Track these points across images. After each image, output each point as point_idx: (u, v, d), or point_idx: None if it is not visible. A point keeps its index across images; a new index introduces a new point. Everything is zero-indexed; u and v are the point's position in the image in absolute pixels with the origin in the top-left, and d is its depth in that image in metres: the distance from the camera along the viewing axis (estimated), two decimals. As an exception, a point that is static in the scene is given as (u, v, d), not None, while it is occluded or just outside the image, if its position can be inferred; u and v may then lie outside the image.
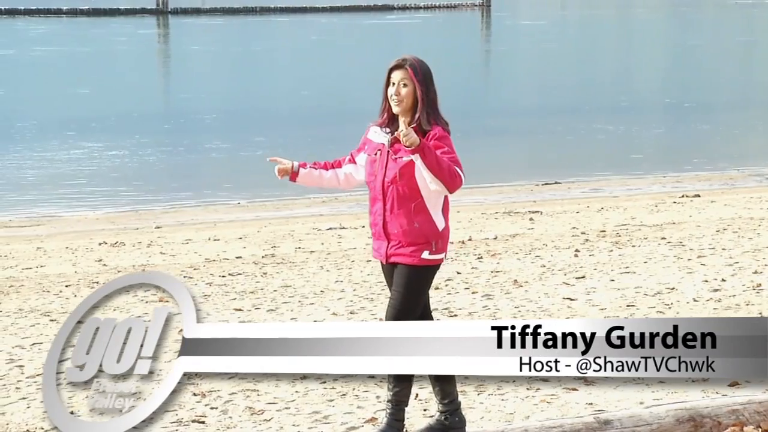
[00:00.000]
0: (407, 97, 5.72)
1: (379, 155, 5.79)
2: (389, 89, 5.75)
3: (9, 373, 7.33)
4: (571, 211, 15.29)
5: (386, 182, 5.75)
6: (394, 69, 5.80)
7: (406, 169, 5.68)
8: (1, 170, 21.11)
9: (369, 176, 5.85)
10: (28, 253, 12.92)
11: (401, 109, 5.72)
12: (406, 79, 5.74)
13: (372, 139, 5.87)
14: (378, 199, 5.80)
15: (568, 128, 26.91)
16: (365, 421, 6.25)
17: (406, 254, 5.72)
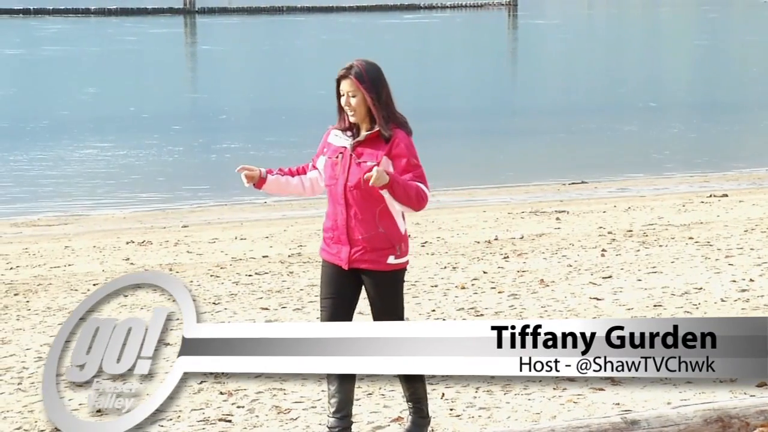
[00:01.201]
0: (359, 106, 5.64)
1: (341, 159, 5.69)
2: (341, 99, 5.69)
3: (37, 372, 7.37)
4: (598, 211, 15.24)
5: (349, 186, 5.64)
6: (341, 79, 5.71)
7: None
8: (29, 169, 21.23)
9: (329, 179, 5.73)
10: (56, 251, 12.98)
11: (356, 119, 5.66)
12: (352, 90, 5.66)
13: (332, 143, 5.76)
14: (339, 204, 5.68)
15: (594, 127, 26.82)
16: (391, 421, 6.25)
17: (372, 260, 5.64)
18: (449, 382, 6.94)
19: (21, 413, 6.53)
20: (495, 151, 23.88)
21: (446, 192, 18.90)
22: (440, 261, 11.15)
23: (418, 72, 42.32)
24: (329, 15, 75.97)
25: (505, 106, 31.58)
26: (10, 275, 11.25)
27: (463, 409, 6.40)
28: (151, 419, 6.34)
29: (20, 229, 15.74)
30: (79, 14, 73.09)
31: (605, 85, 37.19)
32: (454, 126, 27.06)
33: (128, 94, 33.39)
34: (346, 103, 5.65)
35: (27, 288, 10.32)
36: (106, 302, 5.44)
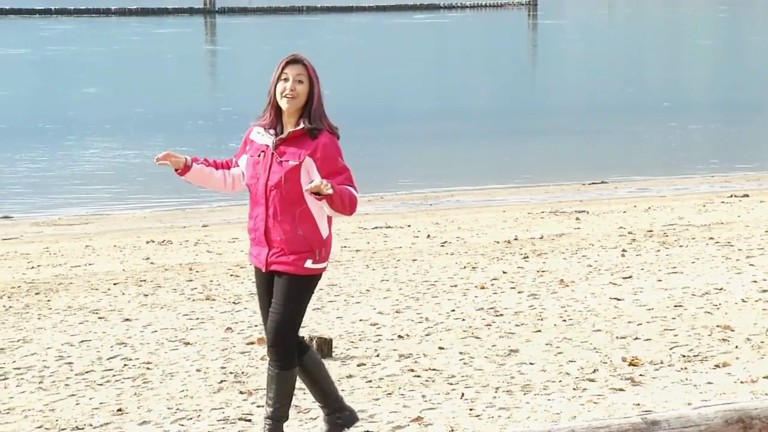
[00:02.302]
0: (302, 94, 5.44)
1: (263, 157, 5.49)
2: (280, 85, 5.44)
3: (58, 370, 7.40)
4: (618, 211, 15.21)
5: (270, 186, 5.45)
6: (289, 63, 5.47)
7: (291, 174, 5.42)
8: (50, 168, 21.31)
9: (251, 178, 5.54)
10: (77, 251, 13.03)
11: (293, 107, 5.44)
12: (302, 75, 5.46)
13: (255, 140, 5.56)
14: (260, 204, 5.49)
15: (614, 127, 26.77)
16: (411, 420, 6.25)
17: (288, 263, 5.45)
18: (468, 381, 6.93)
19: (42, 412, 6.56)
20: (515, 151, 23.86)
21: (466, 192, 18.89)
22: (460, 261, 11.14)
23: (438, 72, 42.29)
24: (349, 15, 76.01)
25: (525, 106, 31.54)
26: (31, 274, 11.30)
27: (483, 410, 6.40)
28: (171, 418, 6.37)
29: (41, 229, 15.81)
30: (100, 14, 73.33)
31: (625, 84, 37.10)
32: (474, 126, 27.04)
33: (148, 94, 33.48)
34: (292, 87, 5.42)
35: (48, 287, 10.37)
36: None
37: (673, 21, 73.48)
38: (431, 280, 10.10)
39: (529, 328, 8.20)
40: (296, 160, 5.42)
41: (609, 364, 7.24)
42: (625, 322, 8.30)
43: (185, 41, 54.91)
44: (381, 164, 22.32)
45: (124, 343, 8.04)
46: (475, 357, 7.47)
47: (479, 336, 8.01)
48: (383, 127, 26.79)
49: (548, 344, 7.74)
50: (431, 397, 6.64)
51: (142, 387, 6.99)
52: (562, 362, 7.31)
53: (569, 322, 8.38)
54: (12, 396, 6.87)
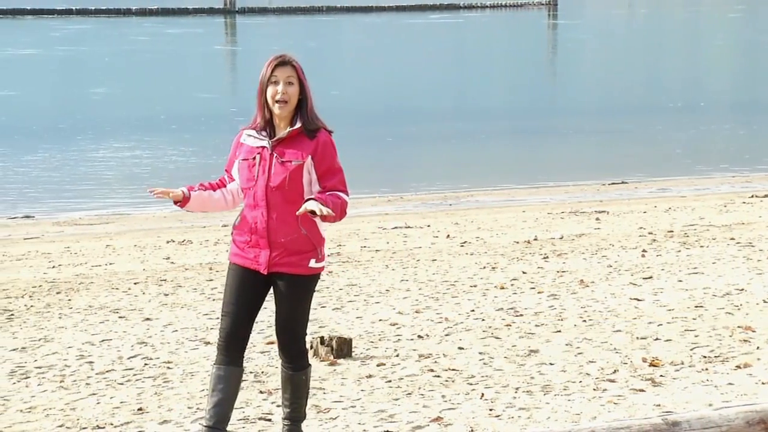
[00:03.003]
0: (294, 96, 5.37)
1: (259, 159, 5.39)
2: (271, 88, 5.36)
3: (79, 369, 7.42)
4: (638, 211, 15.17)
5: (271, 187, 5.36)
6: (278, 66, 5.38)
7: (294, 174, 5.36)
8: (71, 168, 21.39)
9: (247, 181, 5.42)
10: (98, 250, 13.07)
11: (284, 111, 5.37)
12: (292, 77, 5.38)
13: (247, 143, 5.46)
14: (259, 206, 5.39)
15: (634, 127, 26.70)
16: (431, 420, 6.25)
17: (294, 264, 5.39)
18: (488, 382, 6.93)
19: (63, 411, 6.59)
20: (534, 151, 23.83)
21: (486, 192, 18.87)
22: (479, 261, 11.13)
23: (458, 72, 42.26)
24: (368, 15, 76.03)
25: (545, 106, 31.48)
26: (52, 274, 11.35)
27: (503, 410, 6.39)
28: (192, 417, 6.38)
29: (62, 228, 15.87)
30: (121, 14, 73.56)
31: (645, 84, 37.00)
32: (494, 126, 27.01)
33: (166, 94, 33.56)
34: (283, 91, 5.34)
35: (69, 286, 10.41)
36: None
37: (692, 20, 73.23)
38: (451, 280, 10.10)
39: (549, 329, 8.19)
40: (299, 160, 5.36)
41: (629, 364, 7.22)
42: (645, 323, 8.28)
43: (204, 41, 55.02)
44: (401, 164, 22.32)
45: (144, 343, 8.06)
46: (495, 357, 7.47)
47: (499, 336, 8.00)
48: (403, 127, 26.78)
49: (568, 345, 7.73)
50: (451, 398, 6.64)
51: (162, 386, 7.01)
52: (582, 363, 7.29)
53: (589, 322, 8.36)
54: (33, 395, 6.90)
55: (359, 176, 20.56)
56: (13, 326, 8.72)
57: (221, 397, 5.51)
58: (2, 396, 6.89)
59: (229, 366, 5.51)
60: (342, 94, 34.28)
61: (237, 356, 5.52)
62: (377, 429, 6.14)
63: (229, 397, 5.54)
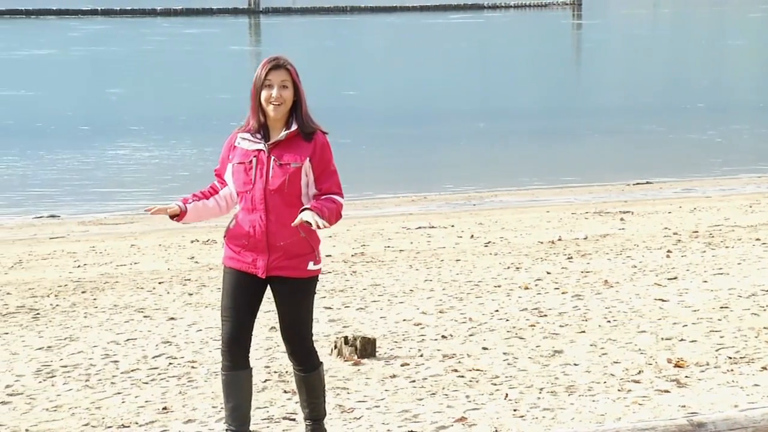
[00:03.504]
0: (288, 99, 5.33)
1: (256, 162, 5.35)
2: (265, 92, 5.32)
3: (104, 368, 7.46)
4: (663, 212, 15.11)
5: (270, 191, 5.32)
6: (272, 70, 5.34)
7: (294, 177, 5.33)
8: (96, 167, 21.48)
9: (243, 185, 5.36)
10: (123, 250, 13.12)
11: (279, 113, 5.33)
12: (287, 81, 5.34)
13: (241, 147, 5.41)
14: (257, 209, 5.34)
15: (659, 127, 26.60)
16: (455, 421, 6.24)
17: (293, 267, 5.35)
18: (512, 382, 6.92)
19: (89, 410, 6.62)
20: (559, 151, 23.77)
21: (509, 192, 18.84)
22: (503, 261, 11.12)
23: (481, 71, 42.22)
24: (393, 14, 76.04)
25: (570, 106, 31.41)
26: (77, 273, 11.40)
27: (527, 410, 6.38)
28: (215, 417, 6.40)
29: (87, 228, 15.93)
30: (146, 15, 73.82)
31: (670, 84, 36.87)
32: (518, 126, 26.97)
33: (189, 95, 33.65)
34: (278, 94, 5.30)
35: (94, 286, 10.45)
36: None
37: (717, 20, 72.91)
38: (475, 281, 10.09)
39: (573, 329, 8.17)
40: (298, 163, 5.33)
41: (654, 365, 7.20)
42: (670, 324, 8.25)
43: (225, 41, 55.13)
44: (424, 164, 22.31)
45: (169, 342, 8.09)
46: (519, 357, 7.45)
47: (523, 336, 7.99)
48: (427, 126, 26.76)
49: (593, 345, 7.71)
50: (475, 398, 6.63)
51: (186, 386, 7.03)
52: (607, 363, 7.28)
53: (614, 323, 8.34)
54: (59, 393, 6.93)
55: (383, 176, 20.60)
56: (39, 325, 8.77)
57: (236, 402, 5.52)
58: (28, 394, 6.92)
59: (237, 370, 5.50)
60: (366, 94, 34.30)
61: (242, 359, 5.51)
62: (401, 429, 6.14)
63: (244, 399, 5.55)
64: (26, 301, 9.78)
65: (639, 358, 7.37)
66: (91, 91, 34.85)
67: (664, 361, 7.26)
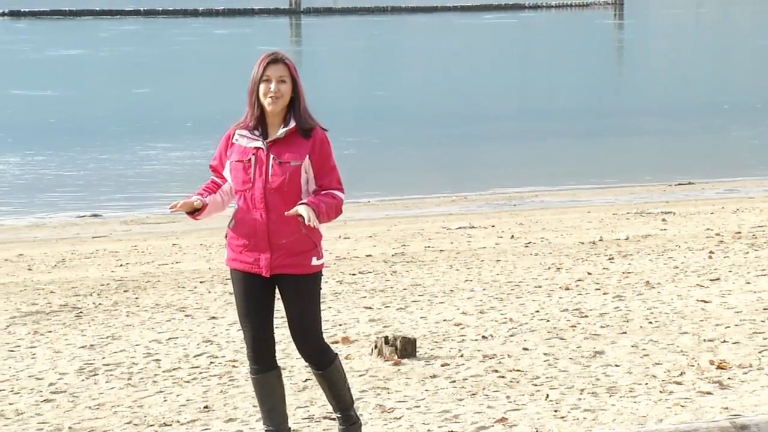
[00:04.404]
0: (286, 94, 5.27)
1: (255, 160, 5.29)
2: (263, 86, 5.27)
3: (146, 367, 7.50)
4: (705, 212, 15.02)
5: (270, 189, 5.26)
6: (270, 64, 5.29)
7: (294, 175, 5.28)
8: (139, 167, 21.61)
9: (243, 183, 5.31)
10: (164, 249, 13.20)
11: (277, 107, 5.27)
12: (285, 75, 5.28)
13: (240, 144, 5.36)
14: (257, 208, 5.29)
15: (702, 128, 26.43)
16: (495, 421, 6.23)
17: (296, 264, 5.31)
18: (553, 383, 6.90)
19: (130, 408, 6.66)
20: (600, 152, 23.67)
21: (550, 192, 18.79)
22: (544, 262, 11.09)
23: (523, 71, 42.10)
24: (434, 14, 75.99)
25: (611, 106, 31.27)
26: (120, 272, 11.48)
27: (567, 411, 6.36)
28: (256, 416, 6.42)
29: (129, 227, 16.05)
30: (188, 15, 74.19)
31: (712, 84, 36.62)
32: (559, 126, 26.88)
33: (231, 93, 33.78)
34: (276, 89, 5.25)
35: (136, 285, 10.52)
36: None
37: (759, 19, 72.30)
38: (515, 281, 10.07)
39: (614, 330, 8.13)
40: (298, 161, 5.28)
41: (696, 367, 7.15)
42: (712, 325, 8.19)
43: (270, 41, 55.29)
44: (465, 164, 22.28)
45: (210, 341, 8.13)
46: (560, 358, 7.43)
47: (564, 337, 7.96)
48: (468, 127, 26.73)
49: (634, 346, 7.68)
50: (516, 398, 6.62)
51: (227, 385, 7.06)
52: (648, 364, 7.24)
53: (655, 324, 8.29)
54: (102, 392, 6.98)
55: (424, 177, 20.60)
56: (82, 324, 8.84)
57: (271, 404, 5.53)
58: (71, 392, 6.98)
59: (265, 373, 5.51)
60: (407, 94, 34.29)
61: (269, 361, 5.50)
62: (441, 429, 6.13)
63: (278, 399, 5.55)
64: (69, 299, 9.87)
65: (681, 359, 7.33)
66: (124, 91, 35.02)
67: (707, 363, 7.22)
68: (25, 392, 7.01)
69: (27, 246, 14.14)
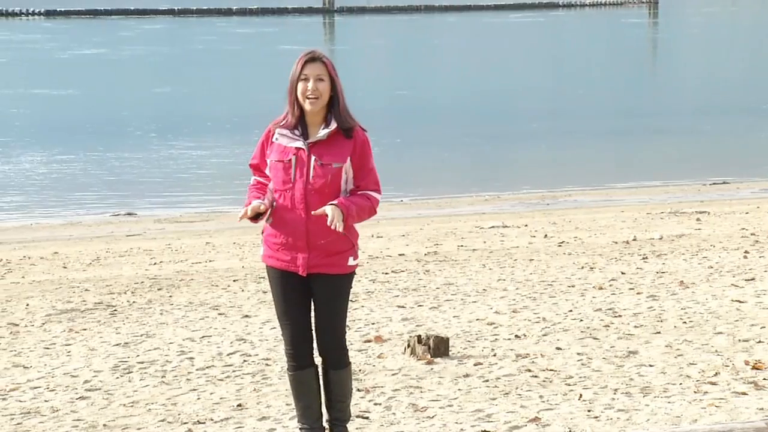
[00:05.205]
0: (325, 93, 5.25)
1: (296, 160, 5.29)
2: (302, 85, 5.25)
3: (180, 365, 7.53)
4: (740, 212, 14.93)
5: (311, 190, 5.26)
6: (307, 63, 5.26)
7: (335, 176, 5.28)
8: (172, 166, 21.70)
9: (283, 183, 5.31)
10: (198, 247, 13.25)
11: (317, 106, 5.26)
12: (323, 74, 5.25)
13: (280, 143, 5.34)
14: (296, 208, 5.28)
15: (737, 127, 26.26)
16: (528, 421, 6.22)
17: (333, 264, 5.32)
18: (586, 382, 6.88)
19: (165, 405, 6.69)
20: (634, 151, 23.57)
21: (584, 192, 18.73)
22: (577, 261, 11.06)
23: (556, 71, 41.98)
24: (467, 14, 75.89)
25: (645, 105, 31.13)
26: (153, 270, 11.53)
27: (601, 411, 6.34)
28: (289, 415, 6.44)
29: (163, 226, 16.12)
30: (222, 14, 74.44)
31: (748, 83, 36.38)
32: (592, 125, 26.79)
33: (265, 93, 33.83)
34: (314, 87, 5.23)
35: (170, 283, 10.56)
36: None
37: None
38: (548, 280, 10.04)
39: (648, 330, 8.10)
40: (340, 163, 5.28)
41: (731, 367, 7.11)
42: (747, 325, 8.14)
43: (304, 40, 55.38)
44: (498, 164, 22.25)
45: (243, 339, 8.15)
46: (594, 358, 7.41)
47: (597, 337, 7.94)
48: (501, 126, 26.69)
49: (668, 346, 7.64)
50: (549, 398, 6.60)
51: (261, 383, 7.08)
52: (683, 364, 7.20)
53: (689, 324, 8.25)
54: (136, 389, 7.02)
55: (457, 176, 20.58)
56: (116, 321, 8.89)
57: (307, 401, 5.55)
58: (106, 390, 7.02)
59: (303, 370, 5.53)
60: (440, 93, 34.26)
61: (308, 358, 5.52)
62: (474, 428, 6.13)
63: (314, 397, 5.57)
64: (104, 297, 9.92)
65: (716, 359, 7.29)
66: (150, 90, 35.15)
67: (742, 363, 7.17)
68: (61, 389, 7.06)
69: (62, 244, 14.24)
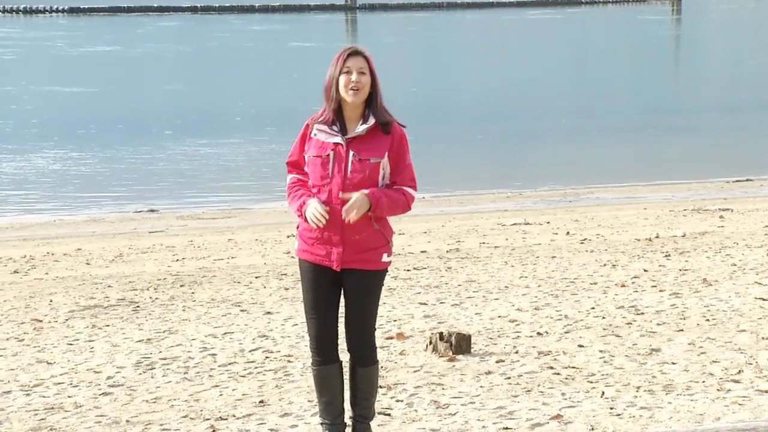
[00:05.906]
0: (366, 86, 5.29)
1: (334, 156, 5.32)
2: (344, 77, 5.28)
3: (202, 361, 7.55)
4: (764, 209, 14.86)
5: (348, 185, 5.28)
6: (350, 56, 5.32)
7: (373, 172, 5.31)
8: (194, 162, 21.75)
9: (321, 179, 5.34)
10: (220, 244, 13.28)
11: (358, 99, 5.28)
12: (364, 67, 5.31)
13: (318, 138, 5.37)
14: (333, 204, 5.31)
15: (760, 124, 26.14)
16: (551, 418, 6.21)
17: (367, 260, 5.35)
18: (609, 380, 6.86)
19: (187, 402, 6.71)
20: (656, 148, 23.50)
21: (606, 189, 18.67)
22: (600, 258, 11.03)
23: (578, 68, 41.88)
24: (489, 11, 75.77)
25: (668, 103, 31.02)
26: (176, 267, 11.56)
27: (623, 409, 6.33)
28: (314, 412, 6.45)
29: (186, 222, 16.15)
30: (244, 11, 74.55)
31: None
32: (615, 122, 26.72)
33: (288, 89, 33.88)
34: (357, 80, 5.27)
35: (192, 279, 10.59)
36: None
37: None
38: (570, 278, 10.02)
39: (670, 327, 8.08)
40: (378, 158, 5.31)
41: (754, 365, 7.08)
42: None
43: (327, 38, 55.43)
44: (520, 161, 22.21)
45: (265, 336, 8.17)
46: (616, 355, 7.39)
47: (620, 334, 7.92)
48: (523, 123, 26.65)
49: (691, 344, 7.62)
50: (571, 395, 6.59)
51: (283, 379, 7.09)
52: (706, 362, 7.18)
53: (712, 321, 8.22)
54: (158, 385, 7.04)
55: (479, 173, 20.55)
56: (139, 318, 8.92)
57: (330, 396, 5.57)
58: (129, 386, 7.05)
59: (327, 365, 5.54)
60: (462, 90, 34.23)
61: (332, 354, 5.54)
62: (496, 425, 6.12)
63: (337, 392, 5.59)
64: (126, 293, 9.96)
65: (739, 357, 7.26)
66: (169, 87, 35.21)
67: (765, 361, 7.14)
68: (84, 385, 7.09)
69: (85, 240, 14.29)
